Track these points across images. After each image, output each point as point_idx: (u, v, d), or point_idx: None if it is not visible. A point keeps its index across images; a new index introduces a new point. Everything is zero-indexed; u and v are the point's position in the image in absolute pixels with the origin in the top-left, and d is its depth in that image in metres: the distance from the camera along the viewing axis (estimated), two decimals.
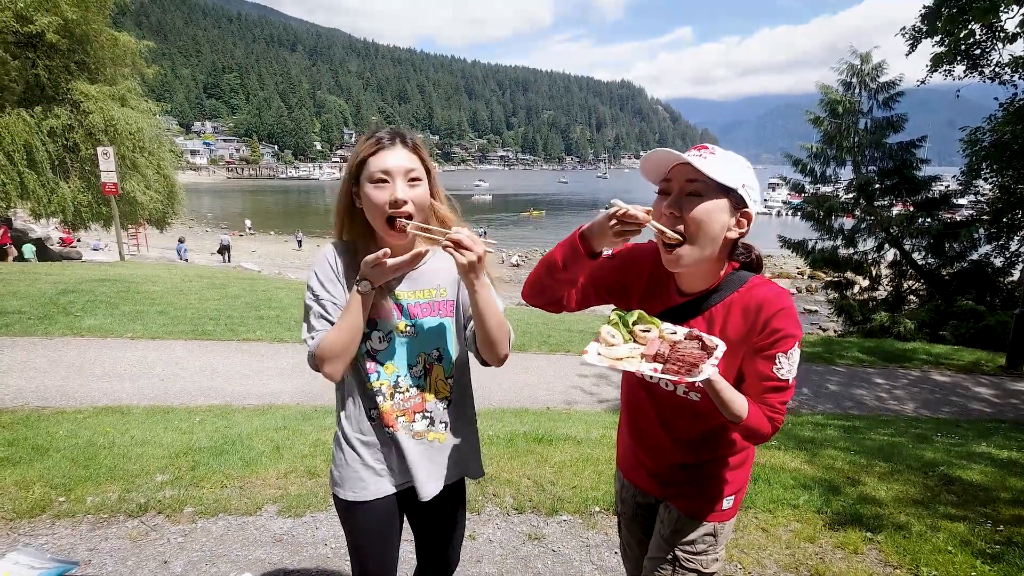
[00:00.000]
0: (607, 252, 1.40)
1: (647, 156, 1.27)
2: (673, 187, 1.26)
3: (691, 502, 1.45)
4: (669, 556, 1.46)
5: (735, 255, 1.34)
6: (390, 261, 1.30)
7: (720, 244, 1.27)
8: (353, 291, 1.34)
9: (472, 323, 1.47)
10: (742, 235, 1.29)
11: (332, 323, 1.37)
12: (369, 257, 1.30)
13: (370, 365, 1.43)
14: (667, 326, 1.27)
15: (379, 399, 1.44)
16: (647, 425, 1.49)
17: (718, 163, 1.23)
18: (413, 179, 1.36)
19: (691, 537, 1.44)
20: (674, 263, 1.28)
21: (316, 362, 1.35)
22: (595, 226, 1.28)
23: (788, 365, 1.24)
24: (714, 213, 1.23)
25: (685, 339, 1.24)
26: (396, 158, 1.34)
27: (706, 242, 1.25)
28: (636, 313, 1.30)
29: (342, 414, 1.49)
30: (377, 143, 1.34)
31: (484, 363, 1.49)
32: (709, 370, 1.13)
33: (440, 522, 1.63)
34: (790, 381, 1.26)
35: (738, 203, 1.25)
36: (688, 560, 1.44)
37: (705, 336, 1.23)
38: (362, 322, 1.35)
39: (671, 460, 1.46)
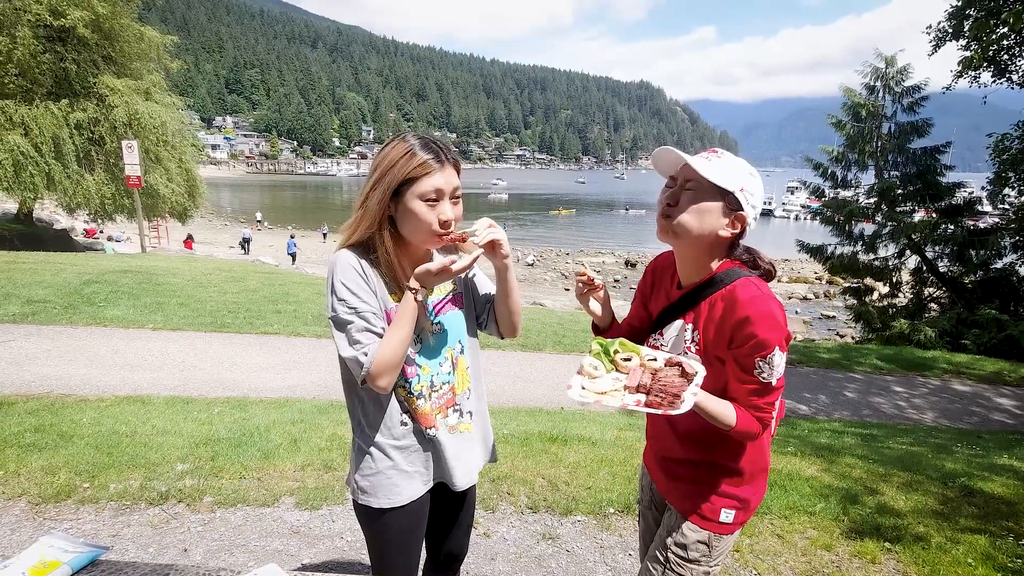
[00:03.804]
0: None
1: (657, 152, 1.36)
2: (677, 183, 1.34)
3: (687, 501, 1.47)
4: (662, 556, 1.48)
5: (735, 254, 1.38)
6: (455, 267, 1.33)
7: (711, 238, 1.32)
8: (407, 299, 1.34)
9: (489, 304, 1.61)
10: (735, 236, 1.34)
11: (377, 334, 1.35)
12: (432, 266, 1.32)
13: (410, 369, 1.43)
14: (647, 352, 1.33)
15: (419, 402, 1.44)
16: (655, 416, 1.54)
17: (721, 167, 1.29)
18: (456, 197, 1.40)
19: (684, 541, 1.45)
20: (665, 230, 1.35)
21: (371, 378, 1.32)
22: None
23: (769, 369, 1.26)
24: (705, 211, 1.29)
25: (665, 366, 1.28)
26: (446, 178, 1.36)
27: (692, 231, 1.31)
28: (617, 342, 1.35)
29: (366, 422, 1.46)
30: (428, 164, 1.33)
31: (502, 336, 1.61)
32: (690, 400, 1.19)
33: (456, 512, 1.66)
34: (774, 383, 1.28)
35: (733, 205, 1.30)
36: (678, 564, 1.46)
37: (685, 362, 1.27)
38: (413, 329, 1.37)
39: (674, 454, 1.51)
